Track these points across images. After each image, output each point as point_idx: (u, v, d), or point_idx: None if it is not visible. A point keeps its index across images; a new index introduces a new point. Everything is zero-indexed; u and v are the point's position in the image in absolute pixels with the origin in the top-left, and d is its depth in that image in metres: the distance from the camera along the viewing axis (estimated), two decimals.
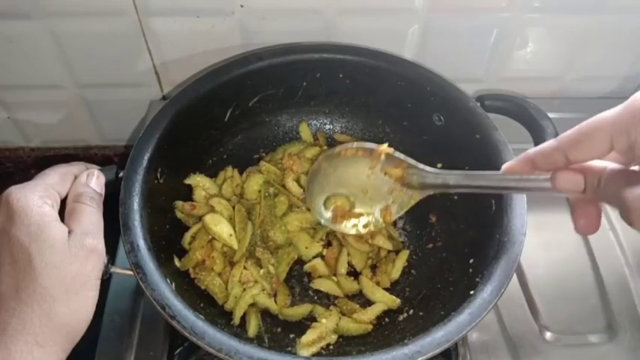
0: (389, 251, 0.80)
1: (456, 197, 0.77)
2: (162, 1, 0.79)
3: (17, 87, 0.91)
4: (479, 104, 0.75)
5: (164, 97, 0.94)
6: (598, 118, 0.47)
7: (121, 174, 0.66)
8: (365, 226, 0.75)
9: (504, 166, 0.56)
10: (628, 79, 0.97)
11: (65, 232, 0.55)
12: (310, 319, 0.74)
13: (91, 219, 0.58)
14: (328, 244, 0.81)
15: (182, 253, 0.74)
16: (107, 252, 0.58)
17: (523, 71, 0.92)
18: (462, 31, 0.85)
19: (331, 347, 0.70)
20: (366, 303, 0.76)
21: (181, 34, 0.84)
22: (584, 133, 0.47)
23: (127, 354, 0.70)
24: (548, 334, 0.75)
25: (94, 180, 0.62)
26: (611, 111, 0.46)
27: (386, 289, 0.76)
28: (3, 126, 0.97)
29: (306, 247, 0.79)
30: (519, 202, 0.65)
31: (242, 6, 0.80)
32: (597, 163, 0.49)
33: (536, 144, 0.70)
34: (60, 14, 0.80)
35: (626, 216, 0.44)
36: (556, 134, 0.69)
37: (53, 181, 0.59)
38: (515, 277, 0.70)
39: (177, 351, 0.72)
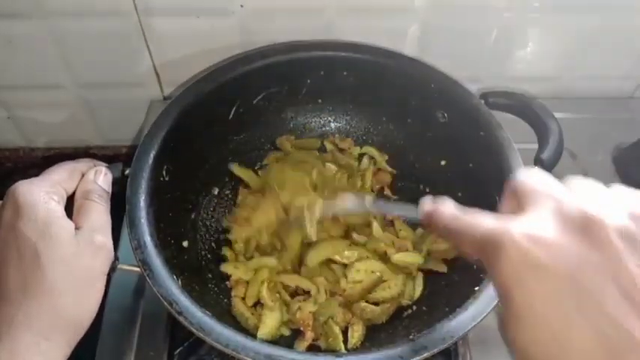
0: None
1: (460, 194, 0.77)
2: (162, 1, 0.79)
3: (17, 87, 0.91)
4: (482, 101, 0.75)
5: (164, 98, 0.94)
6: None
7: (127, 172, 0.66)
8: None
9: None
10: (628, 79, 0.98)
11: (72, 228, 0.55)
12: None
13: (99, 216, 0.58)
14: None
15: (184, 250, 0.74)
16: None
17: (523, 71, 0.93)
18: (461, 31, 0.86)
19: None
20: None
21: (181, 34, 0.84)
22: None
23: (127, 354, 0.70)
24: None
25: (102, 177, 0.62)
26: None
27: None
28: (3, 126, 0.97)
29: None
30: None
31: (242, 6, 0.80)
32: None
33: (540, 142, 0.70)
34: (60, 14, 0.80)
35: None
36: (560, 133, 0.70)
37: (60, 178, 0.59)
38: None
39: (178, 351, 0.71)
